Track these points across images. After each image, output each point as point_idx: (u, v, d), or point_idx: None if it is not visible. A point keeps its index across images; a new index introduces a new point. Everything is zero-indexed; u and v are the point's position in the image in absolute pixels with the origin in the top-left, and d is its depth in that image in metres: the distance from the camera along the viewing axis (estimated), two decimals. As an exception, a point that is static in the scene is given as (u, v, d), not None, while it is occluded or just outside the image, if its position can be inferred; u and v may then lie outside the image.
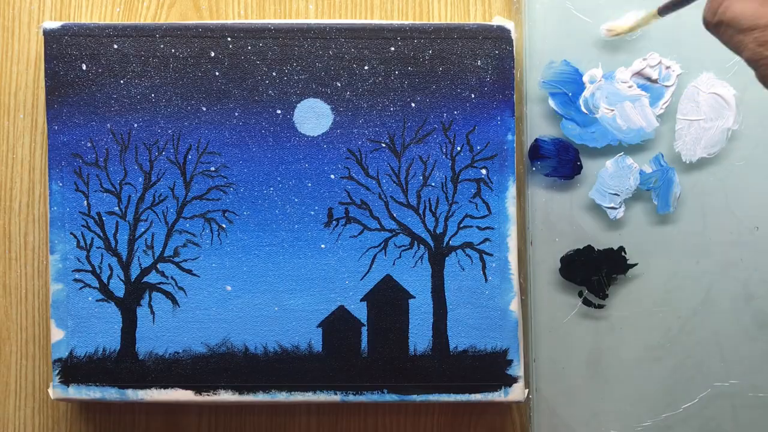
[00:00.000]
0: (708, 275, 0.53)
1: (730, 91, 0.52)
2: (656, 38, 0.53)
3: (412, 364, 0.51)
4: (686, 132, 0.52)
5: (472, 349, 0.51)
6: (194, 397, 0.50)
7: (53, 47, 0.50)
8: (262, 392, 0.50)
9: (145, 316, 0.51)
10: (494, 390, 0.51)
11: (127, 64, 0.50)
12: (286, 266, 0.51)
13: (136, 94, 0.51)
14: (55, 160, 0.50)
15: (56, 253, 0.50)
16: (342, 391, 0.50)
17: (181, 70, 0.51)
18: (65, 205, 0.50)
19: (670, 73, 0.52)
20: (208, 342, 0.51)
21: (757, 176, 0.53)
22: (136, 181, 0.51)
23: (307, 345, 0.51)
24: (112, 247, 0.51)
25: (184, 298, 0.51)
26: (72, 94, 0.50)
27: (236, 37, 0.51)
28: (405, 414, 0.54)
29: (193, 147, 0.51)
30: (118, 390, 0.50)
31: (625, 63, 0.53)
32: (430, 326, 0.51)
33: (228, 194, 0.51)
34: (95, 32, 0.51)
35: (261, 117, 0.51)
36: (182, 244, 0.51)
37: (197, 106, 0.51)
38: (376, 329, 0.51)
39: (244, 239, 0.51)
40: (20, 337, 0.54)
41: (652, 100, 0.52)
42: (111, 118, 0.51)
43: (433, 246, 0.51)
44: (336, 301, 0.51)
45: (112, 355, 0.50)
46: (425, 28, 0.51)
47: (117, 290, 0.51)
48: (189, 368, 0.50)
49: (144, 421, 0.54)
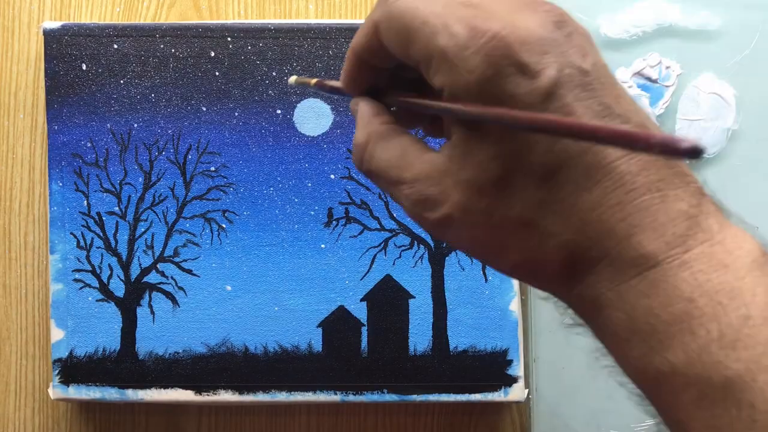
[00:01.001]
0: (708, 275, 0.53)
1: (730, 91, 0.52)
2: (656, 38, 0.53)
3: (412, 364, 0.51)
4: (686, 132, 0.52)
5: (472, 349, 0.51)
6: (194, 397, 0.50)
7: (53, 47, 0.50)
8: (262, 392, 0.50)
9: (145, 316, 0.51)
10: (494, 390, 0.51)
11: (127, 64, 0.50)
12: (286, 266, 0.51)
13: (136, 94, 0.51)
14: (55, 160, 0.50)
15: (56, 253, 0.50)
16: (342, 391, 0.50)
17: (181, 70, 0.51)
18: (65, 205, 0.50)
19: (670, 73, 0.52)
20: (208, 342, 0.51)
21: (758, 176, 0.53)
22: (136, 181, 0.51)
23: (307, 345, 0.51)
24: (112, 247, 0.51)
25: (184, 298, 0.51)
26: (72, 94, 0.50)
27: (236, 37, 0.51)
28: (405, 414, 0.54)
29: (193, 147, 0.51)
30: (118, 390, 0.50)
31: (625, 63, 0.53)
32: (430, 326, 0.51)
33: (228, 194, 0.51)
34: (95, 32, 0.51)
35: (261, 117, 0.51)
36: (182, 244, 0.51)
37: (197, 106, 0.51)
38: (376, 329, 0.51)
39: (244, 239, 0.51)
40: (20, 337, 0.54)
41: (652, 100, 0.52)
42: (111, 118, 0.51)
43: (433, 246, 0.51)
44: (336, 301, 0.51)
45: (112, 355, 0.50)
46: (425, 28, 0.51)
47: (117, 290, 0.51)
48: (189, 368, 0.50)
49: (144, 421, 0.54)
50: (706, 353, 0.23)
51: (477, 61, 0.25)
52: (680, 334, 0.24)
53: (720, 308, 0.23)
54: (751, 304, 0.23)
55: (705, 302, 0.24)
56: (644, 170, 0.25)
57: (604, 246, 0.25)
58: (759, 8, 0.52)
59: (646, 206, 0.25)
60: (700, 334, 0.23)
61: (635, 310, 0.25)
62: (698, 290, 0.24)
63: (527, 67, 0.25)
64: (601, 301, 0.26)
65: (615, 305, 0.25)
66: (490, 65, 0.25)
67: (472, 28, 0.25)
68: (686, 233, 0.24)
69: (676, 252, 0.24)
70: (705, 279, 0.24)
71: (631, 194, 0.25)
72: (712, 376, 0.23)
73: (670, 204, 0.25)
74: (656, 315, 0.24)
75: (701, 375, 0.23)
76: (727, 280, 0.24)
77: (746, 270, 0.24)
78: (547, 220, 0.26)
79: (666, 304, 0.24)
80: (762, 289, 0.24)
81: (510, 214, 0.26)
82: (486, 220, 0.27)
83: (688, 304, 0.24)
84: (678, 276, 0.24)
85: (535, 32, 0.25)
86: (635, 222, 0.25)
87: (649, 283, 0.24)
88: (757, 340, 0.23)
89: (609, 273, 0.25)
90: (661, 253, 0.24)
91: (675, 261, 0.24)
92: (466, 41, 0.25)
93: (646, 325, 0.24)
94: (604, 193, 0.25)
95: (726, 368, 0.23)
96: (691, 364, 0.23)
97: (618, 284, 0.25)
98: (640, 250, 0.24)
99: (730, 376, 0.23)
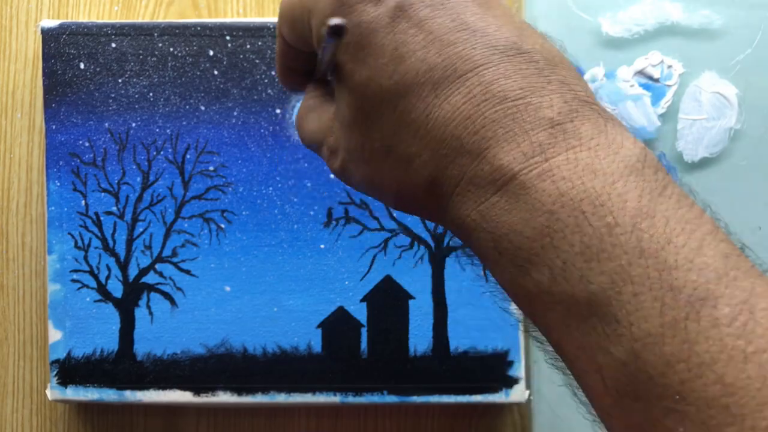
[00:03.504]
0: (710, 275, 0.53)
1: (733, 90, 0.52)
2: (658, 37, 0.52)
3: (412, 365, 0.50)
4: (688, 131, 0.52)
5: (473, 350, 0.50)
6: (193, 398, 0.50)
7: (51, 46, 0.50)
8: (261, 393, 0.50)
9: (144, 317, 0.50)
10: (495, 391, 0.50)
11: (125, 63, 0.50)
12: (286, 267, 0.51)
13: (134, 93, 0.50)
14: (53, 159, 0.50)
15: (54, 254, 0.50)
16: (341, 392, 0.50)
17: (179, 69, 0.50)
18: (63, 205, 0.50)
19: (672, 72, 0.52)
20: (207, 343, 0.50)
21: (760, 175, 0.53)
22: (134, 180, 0.50)
23: (306, 346, 0.50)
24: (110, 248, 0.50)
25: (183, 298, 0.50)
26: (70, 93, 0.50)
27: (235, 36, 0.50)
28: (405, 416, 0.54)
29: (192, 146, 0.50)
30: (116, 391, 0.50)
31: (627, 62, 0.52)
32: (430, 327, 0.51)
33: (227, 194, 0.51)
34: (93, 31, 0.50)
35: (260, 116, 0.50)
36: (181, 245, 0.50)
37: (196, 105, 0.50)
38: (375, 330, 0.51)
39: (242, 239, 0.51)
40: (18, 338, 0.53)
41: (654, 99, 0.52)
42: (109, 117, 0.50)
43: (433, 246, 0.51)
44: (335, 302, 0.51)
45: (110, 356, 0.50)
46: (425, 26, 0.51)
47: (115, 291, 0.50)
48: (187, 369, 0.50)
49: (142, 423, 0.53)
50: (569, 268, 0.22)
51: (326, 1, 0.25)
52: (543, 250, 0.22)
53: (583, 218, 0.21)
54: (619, 210, 0.21)
55: (567, 213, 0.22)
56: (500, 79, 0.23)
57: (460, 164, 0.24)
58: (761, 7, 0.52)
59: (500, 117, 0.23)
60: (564, 248, 0.22)
61: (498, 229, 0.23)
62: (560, 201, 0.22)
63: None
64: (467, 223, 0.24)
65: (480, 226, 0.24)
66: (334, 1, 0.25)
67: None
68: (547, 141, 0.23)
69: (535, 161, 0.22)
70: (568, 187, 0.22)
71: (482, 105, 0.23)
72: (576, 292, 0.21)
73: (530, 112, 0.23)
74: (518, 232, 0.23)
75: (566, 292, 0.22)
76: (594, 187, 0.22)
77: (618, 175, 0.22)
78: (404, 144, 0.25)
79: (527, 219, 0.22)
80: (634, 194, 0.22)
81: (375, 145, 0.26)
82: (361, 155, 0.27)
83: (550, 217, 0.22)
84: (537, 187, 0.22)
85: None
86: (488, 135, 0.23)
87: (508, 198, 0.23)
88: (624, 249, 0.21)
89: (471, 193, 0.24)
90: (517, 164, 0.23)
91: (533, 171, 0.22)
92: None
93: (510, 245, 0.23)
94: (453, 107, 0.24)
95: (589, 282, 0.21)
96: (555, 282, 0.22)
97: (480, 204, 0.24)
98: (495, 164, 0.23)
99: (593, 291, 0.21)
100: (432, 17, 0.24)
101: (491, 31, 0.24)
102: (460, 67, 0.24)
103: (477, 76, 0.23)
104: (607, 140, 0.23)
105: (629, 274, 0.21)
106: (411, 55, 0.24)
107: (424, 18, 0.24)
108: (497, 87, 0.23)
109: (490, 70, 0.23)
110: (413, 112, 0.24)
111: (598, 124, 0.23)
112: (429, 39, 0.24)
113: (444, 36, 0.24)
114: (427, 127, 0.24)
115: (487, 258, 0.24)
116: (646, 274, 0.20)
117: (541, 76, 0.24)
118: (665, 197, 0.22)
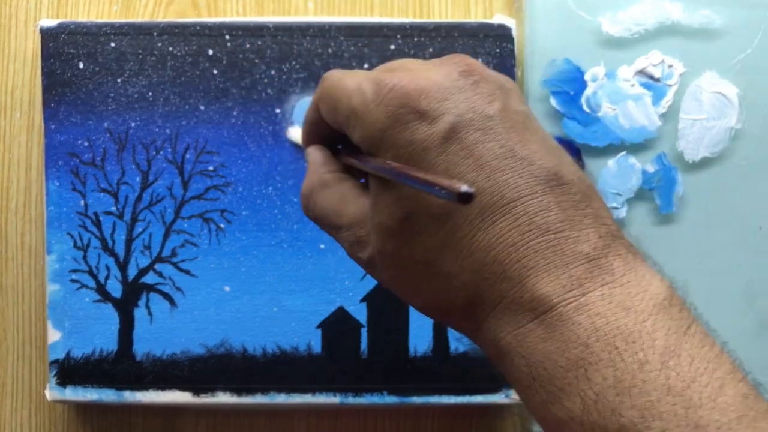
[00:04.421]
0: (711, 275, 0.53)
1: (733, 90, 0.52)
2: (658, 36, 0.52)
3: (412, 365, 0.50)
4: (689, 131, 0.52)
5: (473, 350, 0.50)
6: (192, 399, 0.50)
7: (50, 45, 0.50)
8: (260, 394, 0.50)
9: (143, 317, 0.50)
10: (495, 392, 0.50)
11: (125, 62, 0.50)
12: (285, 266, 0.50)
13: (133, 92, 0.50)
14: (52, 159, 0.50)
15: (53, 254, 0.50)
16: (341, 393, 0.50)
17: (178, 68, 0.50)
18: (62, 205, 0.50)
19: (673, 72, 0.52)
20: (206, 343, 0.50)
21: (761, 175, 0.53)
22: (133, 180, 0.50)
23: (306, 346, 0.50)
24: (109, 248, 0.50)
25: (182, 298, 0.50)
26: (69, 93, 0.50)
27: (234, 35, 0.50)
28: (405, 416, 0.53)
29: (191, 146, 0.50)
30: (115, 391, 0.50)
31: (628, 61, 0.52)
32: (430, 327, 0.51)
33: (226, 194, 0.50)
34: (92, 30, 0.50)
35: (260, 116, 0.50)
36: (180, 245, 0.50)
37: (195, 104, 0.50)
38: (375, 330, 0.50)
39: (242, 239, 0.50)
40: (17, 339, 0.53)
41: (655, 98, 0.52)
42: (108, 116, 0.50)
43: (433, 246, 0.51)
44: (335, 302, 0.50)
45: (109, 356, 0.50)
46: (426, 26, 0.51)
47: (114, 291, 0.50)
48: (187, 369, 0.50)
49: (141, 423, 0.53)
50: (601, 400, 0.23)
51: (379, 113, 0.26)
52: (577, 380, 0.23)
53: (616, 353, 0.23)
54: (649, 348, 0.23)
55: (601, 347, 0.23)
56: (543, 211, 0.25)
57: (500, 288, 0.25)
58: (762, 6, 0.52)
59: (543, 248, 0.24)
60: (597, 381, 0.23)
61: (533, 355, 0.24)
62: (595, 335, 0.23)
63: (426, 114, 0.25)
64: (502, 345, 0.25)
65: (515, 350, 0.25)
66: (389, 115, 0.26)
67: (377, 83, 0.26)
68: (584, 276, 0.24)
69: (573, 295, 0.24)
70: (603, 323, 0.23)
71: (527, 235, 0.24)
72: (608, 424, 0.23)
73: (569, 246, 0.24)
74: (554, 361, 0.24)
75: (597, 423, 0.23)
76: (626, 324, 0.23)
77: (648, 313, 0.23)
78: (446, 262, 0.26)
79: (563, 349, 0.24)
80: (662, 333, 0.23)
81: (414, 255, 0.27)
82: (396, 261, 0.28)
83: (585, 350, 0.23)
84: (574, 320, 0.24)
85: (436, 81, 0.26)
86: (530, 264, 0.24)
87: (545, 328, 0.24)
88: (653, 386, 0.22)
89: (508, 317, 0.25)
90: (556, 296, 0.24)
91: (571, 304, 0.24)
92: (372, 96, 0.26)
93: (544, 372, 0.24)
94: (499, 233, 0.25)
95: (620, 416, 0.22)
96: (587, 412, 0.23)
97: (517, 328, 0.25)
98: (535, 293, 0.24)
99: (624, 424, 0.22)
100: (482, 141, 0.25)
101: (535, 159, 0.25)
102: (507, 194, 0.25)
103: (523, 206, 0.25)
104: (636, 277, 0.24)
105: (658, 410, 0.22)
106: (461, 177, 0.25)
107: (474, 142, 0.25)
108: (540, 219, 0.25)
109: (534, 201, 0.25)
110: (458, 233, 0.26)
111: (627, 260, 0.25)
112: (479, 163, 0.25)
113: (493, 162, 0.25)
114: (471, 248, 0.25)
115: (519, 381, 0.25)
116: (674, 411, 0.22)
117: (578, 210, 0.25)
118: (689, 336, 0.23)
